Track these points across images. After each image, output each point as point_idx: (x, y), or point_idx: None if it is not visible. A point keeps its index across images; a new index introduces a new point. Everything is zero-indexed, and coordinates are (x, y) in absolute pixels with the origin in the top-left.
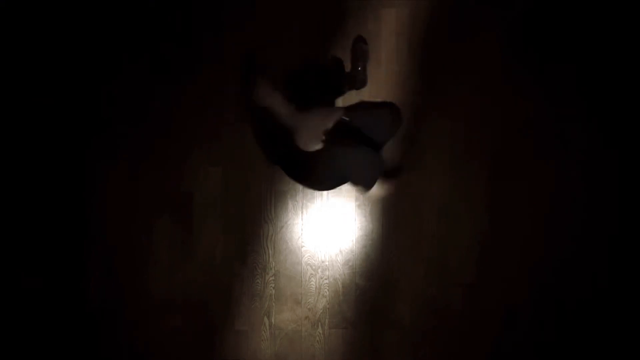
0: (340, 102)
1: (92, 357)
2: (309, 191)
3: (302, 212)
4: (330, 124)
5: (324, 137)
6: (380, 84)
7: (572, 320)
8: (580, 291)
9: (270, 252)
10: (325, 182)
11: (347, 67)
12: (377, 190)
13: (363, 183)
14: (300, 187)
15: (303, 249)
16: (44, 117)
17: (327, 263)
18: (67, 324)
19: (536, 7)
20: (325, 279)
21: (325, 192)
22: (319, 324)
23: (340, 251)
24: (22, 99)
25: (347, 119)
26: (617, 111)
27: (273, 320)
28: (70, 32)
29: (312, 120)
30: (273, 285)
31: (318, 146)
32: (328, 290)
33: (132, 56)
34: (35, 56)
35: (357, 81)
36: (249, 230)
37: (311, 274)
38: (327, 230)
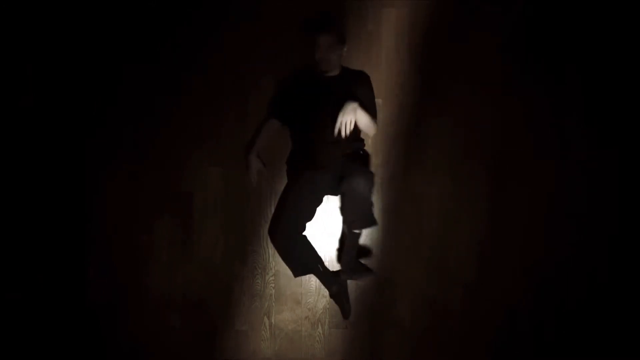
0: None
1: (93, 357)
2: None
3: None
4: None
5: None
6: (380, 84)
7: (572, 320)
8: (580, 291)
9: (270, 252)
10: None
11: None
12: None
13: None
14: None
15: None
16: (44, 117)
17: (327, 263)
18: (67, 324)
19: (536, 7)
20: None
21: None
22: (319, 324)
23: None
24: (22, 99)
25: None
26: (617, 111)
27: (273, 320)
28: (70, 31)
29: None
30: (273, 285)
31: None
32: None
33: (132, 56)
34: (36, 56)
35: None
36: (249, 230)
37: None
38: (327, 230)
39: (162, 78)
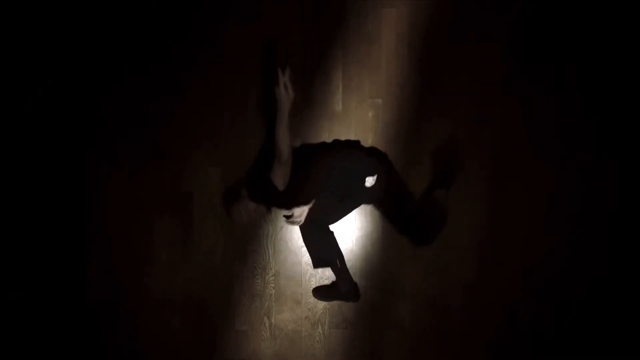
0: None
1: (92, 357)
2: None
3: None
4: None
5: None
6: (380, 84)
7: (571, 320)
8: (579, 291)
9: (270, 252)
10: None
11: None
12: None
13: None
14: None
15: (303, 249)
16: (45, 117)
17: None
18: (67, 324)
19: (536, 7)
20: (325, 279)
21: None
22: (319, 324)
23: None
24: (22, 99)
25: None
26: (617, 111)
27: (273, 320)
28: (70, 31)
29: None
30: (273, 285)
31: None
32: None
33: (133, 56)
34: (36, 56)
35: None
36: (249, 230)
37: (311, 274)
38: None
39: (162, 78)
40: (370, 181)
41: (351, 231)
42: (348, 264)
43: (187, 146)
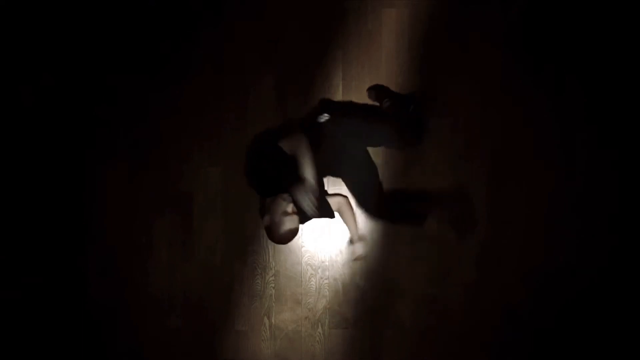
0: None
1: (93, 357)
2: None
3: None
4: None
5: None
6: (380, 84)
7: (571, 320)
8: (579, 291)
9: (270, 252)
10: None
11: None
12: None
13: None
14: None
15: (303, 249)
16: (45, 117)
17: (327, 263)
18: (67, 325)
19: (536, 7)
20: (325, 279)
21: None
22: (319, 324)
23: (340, 251)
24: (21, 98)
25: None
26: (617, 111)
27: (273, 320)
28: (70, 32)
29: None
30: (273, 285)
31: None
32: (328, 290)
33: (132, 56)
34: (36, 55)
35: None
36: (249, 230)
37: (311, 274)
38: (327, 230)
39: (163, 78)
40: (324, 117)
41: None
42: (348, 264)
43: (187, 146)
